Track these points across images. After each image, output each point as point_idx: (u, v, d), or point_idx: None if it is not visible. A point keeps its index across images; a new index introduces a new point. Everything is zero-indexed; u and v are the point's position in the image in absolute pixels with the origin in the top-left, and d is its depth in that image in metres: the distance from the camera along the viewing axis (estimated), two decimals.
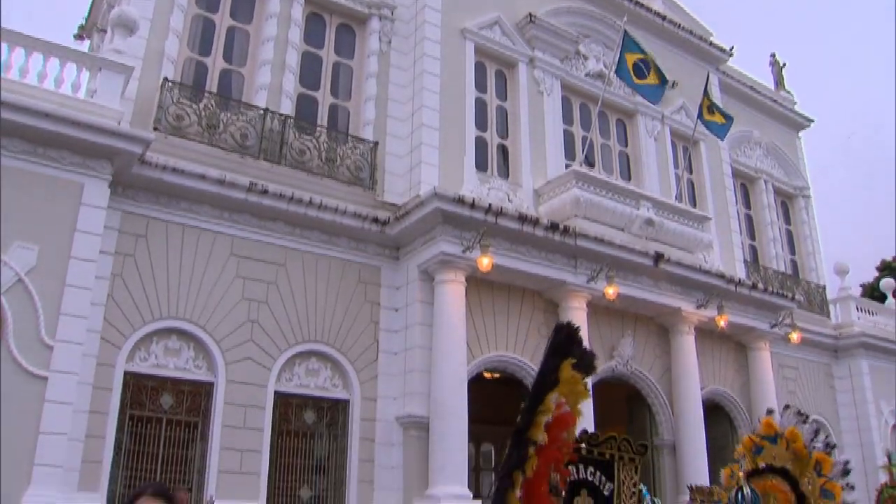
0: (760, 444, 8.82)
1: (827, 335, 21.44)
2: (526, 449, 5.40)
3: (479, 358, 13.71)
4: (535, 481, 5.47)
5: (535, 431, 5.37)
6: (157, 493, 2.81)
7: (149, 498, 2.77)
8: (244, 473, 11.81)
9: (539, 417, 5.46)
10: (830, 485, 8.85)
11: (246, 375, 12.15)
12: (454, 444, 12.35)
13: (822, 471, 8.91)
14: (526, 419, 5.51)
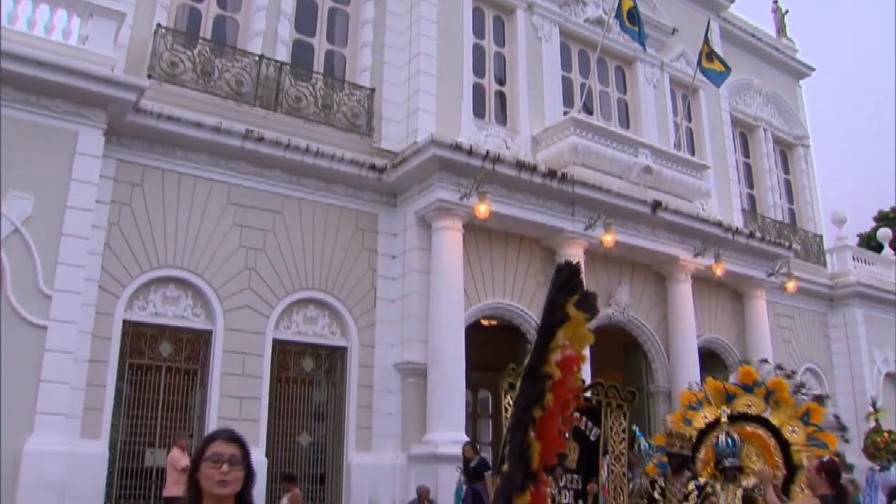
0: (733, 392, 8.88)
1: (823, 284, 21.55)
2: (543, 383, 5.47)
3: (477, 305, 13.78)
4: (548, 421, 5.56)
5: (549, 366, 5.45)
6: (230, 439, 2.74)
7: (223, 442, 2.70)
8: (244, 420, 11.91)
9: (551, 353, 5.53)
10: (822, 435, 8.99)
11: (244, 323, 12.21)
12: (452, 391, 12.48)
13: (810, 420, 9.04)
14: (539, 355, 5.58)
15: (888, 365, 22.41)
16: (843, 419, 21.23)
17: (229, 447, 2.69)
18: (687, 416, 8.71)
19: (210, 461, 2.66)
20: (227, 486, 2.67)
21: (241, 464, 2.69)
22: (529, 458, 5.57)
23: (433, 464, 11.89)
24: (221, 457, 2.66)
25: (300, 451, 12.62)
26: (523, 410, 5.82)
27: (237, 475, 2.69)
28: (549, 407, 5.68)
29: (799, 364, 20.53)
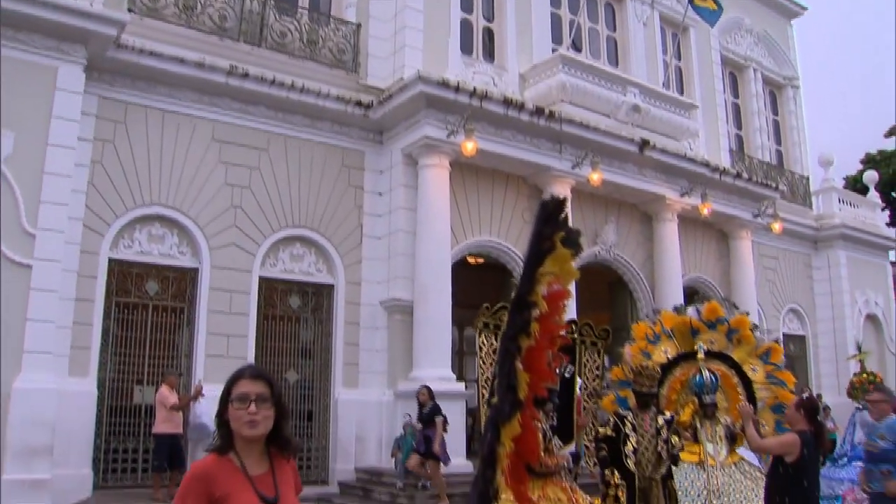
0: (697, 328, 8.94)
1: (808, 226, 21.70)
2: (529, 312, 5.51)
3: (463, 242, 13.80)
4: (537, 353, 5.61)
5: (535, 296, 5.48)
6: (256, 376, 2.66)
7: (248, 381, 2.62)
8: (231, 358, 11.98)
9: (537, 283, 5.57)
10: (781, 373, 9.14)
11: (230, 261, 12.21)
12: (438, 328, 12.57)
13: (769, 359, 9.18)
14: (525, 285, 5.61)
15: (869, 306, 22.71)
16: (824, 359, 21.61)
17: (256, 385, 2.62)
18: (646, 350, 8.76)
19: (237, 402, 2.59)
20: (256, 427, 2.59)
21: (269, 401, 2.62)
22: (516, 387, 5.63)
23: None
24: (248, 396, 2.58)
25: (287, 389, 12.70)
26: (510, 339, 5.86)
27: (266, 414, 2.61)
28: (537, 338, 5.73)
29: (782, 304, 20.78)
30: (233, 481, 2.56)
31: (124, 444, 11.41)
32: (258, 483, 2.59)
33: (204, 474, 2.58)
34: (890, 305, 23.85)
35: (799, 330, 21.54)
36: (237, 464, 2.61)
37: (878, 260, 23.66)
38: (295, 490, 2.75)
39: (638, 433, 7.25)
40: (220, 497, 2.52)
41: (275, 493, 2.60)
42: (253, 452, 2.65)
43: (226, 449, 2.63)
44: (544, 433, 6.25)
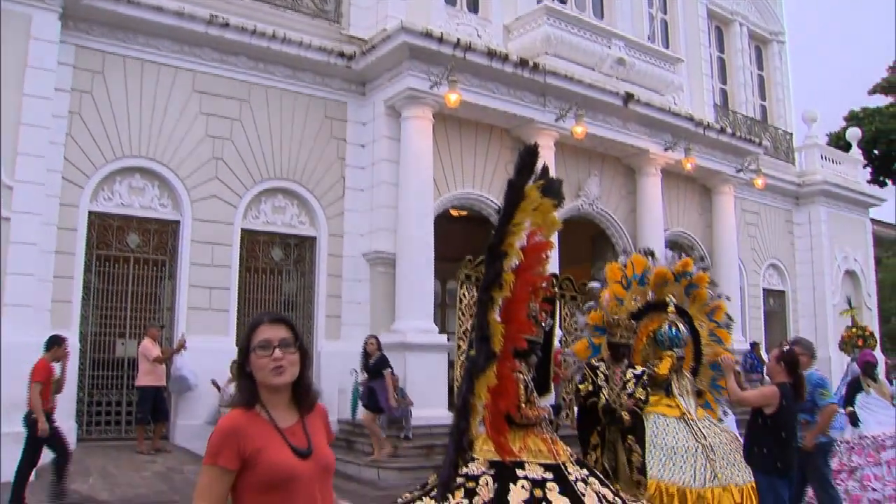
0: (668, 279, 8.91)
1: (790, 182, 21.75)
2: (500, 262, 5.46)
3: (446, 195, 13.77)
4: (515, 304, 5.57)
5: (507, 246, 5.43)
6: (276, 321, 2.52)
7: (268, 326, 2.48)
8: (214, 310, 11.99)
9: (511, 235, 5.51)
10: (720, 331, 9.20)
11: (212, 213, 12.12)
12: (420, 280, 12.58)
13: (713, 317, 9.22)
14: (498, 235, 5.55)
15: (848, 262, 22.91)
16: (802, 314, 21.82)
17: (277, 330, 2.48)
18: (619, 295, 8.69)
19: (259, 349, 2.45)
20: (283, 374, 2.45)
21: (293, 346, 2.49)
22: (490, 339, 5.60)
23: (402, 352, 12.07)
24: (271, 343, 2.44)
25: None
26: (483, 290, 5.82)
27: (292, 359, 2.48)
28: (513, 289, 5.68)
29: (763, 260, 20.91)
30: (263, 435, 2.43)
31: (107, 397, 11.42)
32: (289, 435, 2.47)
33: (233, 429, 2.42)
34: (868, 262, 24.07)
35: (779, 285, 21.71)
36: (265, 417, 2.47)
37: (858, 217, 23.81)
38: (327, 438, 2.63)
39: (609, 385, 7.26)
40: (252, 452, 2.39)
41: (307, 445, 2.48)
42: (280, 403, 2.51)
43: (252, 403, 2.48)
44: (526, 385, 6.22)
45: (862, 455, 8.53)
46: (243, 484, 2.40)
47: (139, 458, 10.29)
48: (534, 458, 5.99)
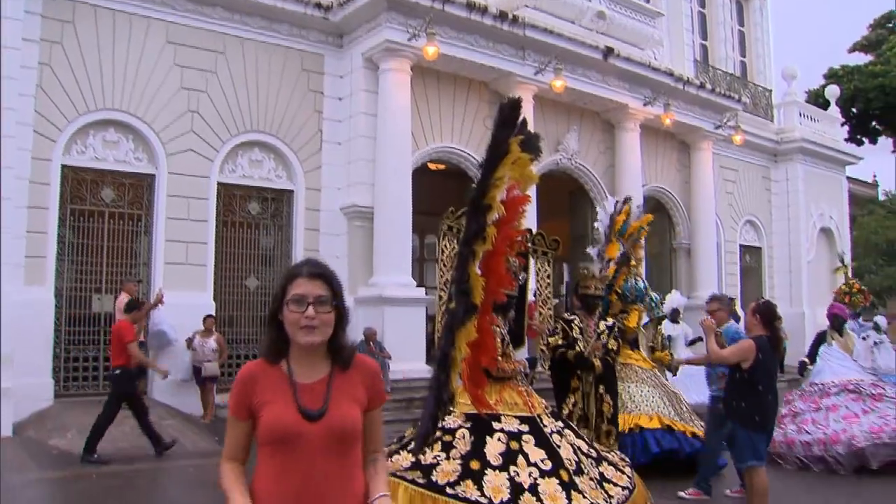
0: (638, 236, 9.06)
1: (768, 139, 21.79)
2: (484, 216, 5.43)
3: (424, 149, 13.68)
4: (495, 258, 5.55)
5: (490, 199, 5.40)
6: (315, 275, 2.33)
7: (306, 280, 2.31)
8: (190, 265, 11.90)
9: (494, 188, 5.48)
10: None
11: (188, 167, 11.96)
12: (398, 234, 12.54)
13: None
14: (481, 188, 5.52)
15: (823, 220, 23.09)
16: (778, 270, 22.03)
17: (315, 286, 2.30)
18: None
19: (292, 304, 2.29)
20: (313, 334, 2.28)
21: (329, 304, 2.31)
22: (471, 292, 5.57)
23: (380, 306, 12.07)
24: (305, 299, 2.28)
25: (247, 295, 12.69)
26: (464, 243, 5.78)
27: (325, 319, 2.30)
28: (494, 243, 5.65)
29: (740, 216, 21.02)
30: (274, 388, 2.32)
31: (84, 352, 11.34)
32: (304, 393, 2.31)
33: (244, 379, 2.34)
34: (844, 220, 24.29)
35: (755, 241, 21.86)
36: (285, 371, 2.35)
37: (834, 174, 23.95)
38: (365, 402, 2.40)
39: (584, 338, 7.30)
40: (257, 404, 2.30)
41: (321, 406, 2.29)
42: (308, 359, 2.36)
43: (275, 357, 2.36)
44: (502, 338, 6.23)
45: (807, 402, 8.85)
46: (256, 437, 2.34)
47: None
48: (510, 410, 6.02)
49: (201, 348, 11.07)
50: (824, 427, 8.36)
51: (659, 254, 18.65)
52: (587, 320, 7.40)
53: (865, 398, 8.38)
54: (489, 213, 5.50)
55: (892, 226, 30.66)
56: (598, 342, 7.27)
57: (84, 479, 7.75)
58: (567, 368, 7.21)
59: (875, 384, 8.66)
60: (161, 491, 7.66)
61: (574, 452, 5.91)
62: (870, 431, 7.98)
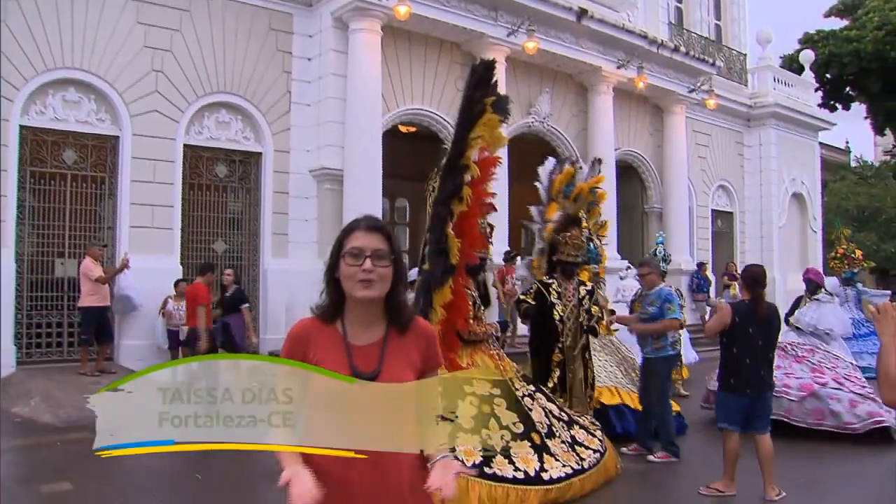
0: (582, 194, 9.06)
1: (742, 103, 21.90)
2: (461, 176, 5.44)
3: (395, 111, 13.59)
4: (469, 219, 5.57)
5: (467, 159, 5.40)
6: (373, 228, 2.30)
7: (364, 233, 2.28)
8: (157, 228, 11.78)
9: (470, 148, 5.48)
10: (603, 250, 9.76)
11: (153, 128, 11.77)
12: (368, 197, 12.47)
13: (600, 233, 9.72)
14: (457, 149, 5.52)
15: (795, 185, 23.33)
16: (749, 235, 22.27)
17: (372, 238, 2.27)
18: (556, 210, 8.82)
19: (349, 257, 2.25)
20: (370, 288, 2.24)
21: (387, 258, 2.28)
22: (448, 252, 5.57)
23: None
24: (363, 251, 2.24)
25: (215, 259, 12.58)
26: (442, 203, 5.76)
27: (383, 273, 2.26)
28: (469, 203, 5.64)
29: (712, 181, 21.17)
30: (329, 347, 2.29)
31: (47, 318, 11.21)
32: (359, 354, 2.28)
33: (301, 333, 2.33)
34: (815, 186, 24.56)
35: (727, 206, 22.05)
36: (339, 329, 2.32)
37: (807, 140, 24.15)
38: (419, 367, 2.36)
39: (562, 302, 7.35)
40: (314, 361, 2.26)
41: (376, 367, 2.26)
42: (364, 318, 2.32)
43: (331, 317, 2.33)
44: (474, 301, 6.27)
45: None
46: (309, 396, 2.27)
47: (83, 379, 10.18)
48: (481, 373, 6.08)
49: (177, 312, 11.00)
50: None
51: (631, 218, 18.77)
52: (565, 284, 7.44)
53: (789, 356, 8.59)
54: (466, 173, 5.53)
55: (863, 192, 31.12)
56: (583, 308, 7.35)
57: (48, 446, 7.70)
58: (547, 346, 7.27)
59: (812, 349, 8.78)
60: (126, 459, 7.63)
61: (545, 416, 5.99)
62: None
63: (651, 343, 7.26)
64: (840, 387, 8.10)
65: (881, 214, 30.11)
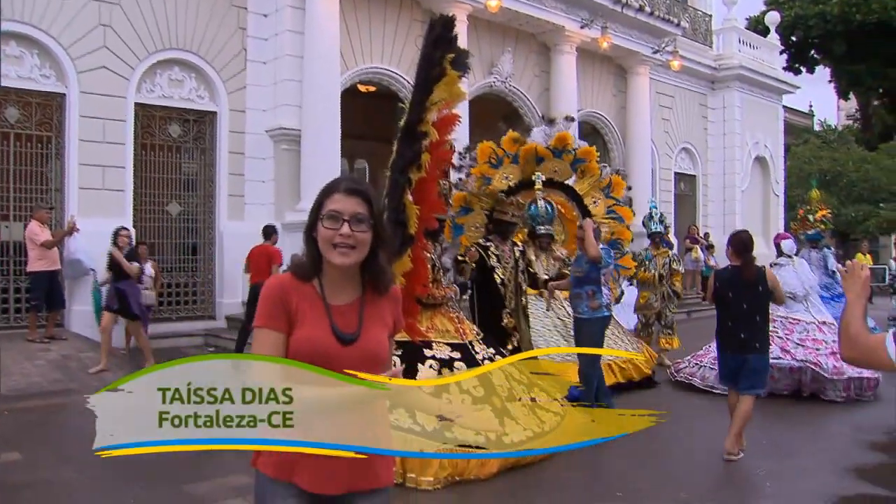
0: (543, 155, 8.98)
1: (706, 65, 22.01)
2: (420, 143, 5.41)
3: (353, 69, 13.47)
4: (428, 183, 5.55)
5: (426, 125, 5.36)
6: (353, 190, 2.26)
7: (343, 196, 2.25)
8: (107, 190, 11.59)
9: (429, 112, 5.44)
10: (620, 209, 9.40)
11: (101, 86, 11.52)
12: (327, 158, 12.37)
13: (611, 192, 9.42)
14: (416, 113, 5.47)
15: (759, 148, 23.60)
16: (712, 198, 22.52)
17: (351, 202, 2.24)
18: (487, 174, 8.74)
19: (327, 220, 2.22)
20: (348, 255, 2.23)
21: (366, 223, 2.25)
22: (406, 222, 5.55)
23: None
24: (341, 215, 2.21)
25: (170, 221, 12.46)
26: (400, 171, 5.73)
27: (361, 238, 2.23)
28: (428, 169, 5.62)
29: (675, 143, 21.33)
30: (308, 307, 2.26)
31: None
32: (337, 315, 2.27)
33: (279, 289, 2.29)
34: (778, 149, 24.86)
35: (690, 169, 22.26)
36: (318, 290, 2.30)
37: (771, 103, 24.41)
38: (391, 328, 2.39)
39: (502, 265, 7.37)
40: (294, 311, 2.24)
41: (355, 330, 2.26)
42: (341, 278, 2.31)
43: (308, 275, 2.30)
44: (433, 264, 6.28)
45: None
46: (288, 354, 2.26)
47: (32, 346, 10.06)
48: (441, 337, 6.12)
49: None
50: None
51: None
52: (502, 246, 7.45)
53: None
54: (424, 140, 5.50)
55: (826, 156, 31.59)
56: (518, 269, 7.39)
57: None
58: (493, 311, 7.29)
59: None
60: (78, 426, 7.55)
61: (506, 379, 6.04)
62: None
63: (587, 302, 7.20)
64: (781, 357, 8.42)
65: (842, 178, 30.63)
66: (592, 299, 7.16)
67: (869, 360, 2.33)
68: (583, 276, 7.23)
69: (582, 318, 7.24)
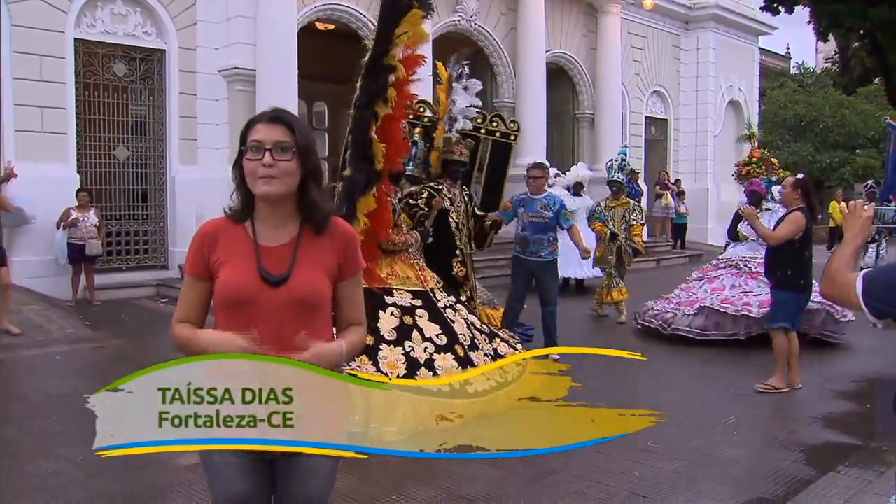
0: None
1: (681, 4, 22.01)
2: (385, 77, 5.38)
3: (311, 5, 13.34)
4: (393, 123, 5.53)
5: (393, 59, 5.34)
6: (275, 119, 2.24)
7: (266, 125, 2.22)
8: (48, 133, 11.38)
9: (395, 45, 5.40)
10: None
11: (35, 19, 11.20)
12: (283, 99, 12.13)
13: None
14: (381, 45, 5.44)
15: (732, 92, 23.73)
16: (684, 143, 22.69)
17: (274, 131, 2.21)
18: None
19: (250, 151, 2.20)
20: (270, 184, 2.20)
21: (290, 151, 2.21)
22: (372, 158, 5.57)
23: None
24: (262, 144, 2.18)
25: (117, 167, 12.30)
26: (365, 106, 5.73)
27: (286, 167, 2.20)
28: (394, 106, 5.62)
29: (647, 86, 21.38)
30: (235, 249, 2.27)
31: None
32: (267, 256, 2.26)
33: (204, 236, 2.31)
34: (753, 93, 25.02)
35: (662, 113, 22.38)
36: (249, 231, 2.30)
37: (747, 45, 24.50)
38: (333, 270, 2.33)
39: (454, 208, 7.42)
40: (216, 263, 2.27)
41: (286, 270, 2.24)
42: (275, 217, 2.29)
43: (242, 215, 2.30)
44: (394, 209, 6.30)
45: (700, 272, 9.70)
46: (214, 298, 2.30)
47: None
48: (402, 284, 6.17)
49: (82, 224, 10.73)
50: (689, 293, 9.12)
51: (561, 124, 18.91)
52: (454, 189, 7.47)
53: (743, 273, 8.96)
54: (391, 74, 5.48)
55: (802, 100, 31.79)
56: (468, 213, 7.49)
57: None
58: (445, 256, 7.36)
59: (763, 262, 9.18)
60: (27, 382, 7.55)
61: (468, 328, 6.14)
62: (721, 301, 8.59)
63: (548, 247, 7.92)
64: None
65: (818, 124, 30.88)
66: (553, 244, 7.99)
67: (841, 296, 2.45)
68: (544, 222, 7.91)
69: (545, 261, 7.94)
